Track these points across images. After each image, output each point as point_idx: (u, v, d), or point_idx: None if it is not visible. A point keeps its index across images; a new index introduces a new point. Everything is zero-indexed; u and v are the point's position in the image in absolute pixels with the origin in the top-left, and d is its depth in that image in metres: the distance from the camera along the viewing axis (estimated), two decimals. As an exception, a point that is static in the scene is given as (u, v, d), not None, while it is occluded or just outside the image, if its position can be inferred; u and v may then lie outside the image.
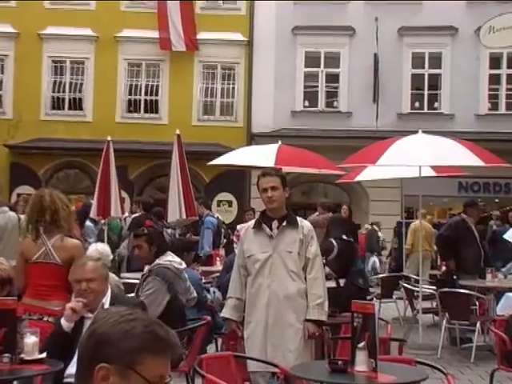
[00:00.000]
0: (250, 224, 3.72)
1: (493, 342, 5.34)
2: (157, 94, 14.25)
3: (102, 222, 7.95)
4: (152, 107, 14.26)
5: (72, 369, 2.58)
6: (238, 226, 9.65)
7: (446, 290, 6.17)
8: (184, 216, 7.12)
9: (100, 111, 13.93)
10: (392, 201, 12.59)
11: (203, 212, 8.27)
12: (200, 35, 14.11)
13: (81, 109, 14.26)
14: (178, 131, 7.41)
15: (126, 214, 9.11)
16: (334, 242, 5.40)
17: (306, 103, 14.19)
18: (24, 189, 12.57)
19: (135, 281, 4.97)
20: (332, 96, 14.32)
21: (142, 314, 1.21)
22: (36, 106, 13.98)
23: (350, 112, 14.03)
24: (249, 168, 9.21)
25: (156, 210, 8.16)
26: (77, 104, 14.23)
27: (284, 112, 13.88)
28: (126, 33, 14.15)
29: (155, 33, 13.98)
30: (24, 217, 4.66)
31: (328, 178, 11.90)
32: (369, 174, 8.08)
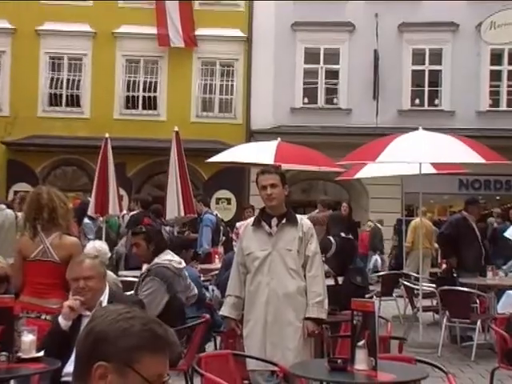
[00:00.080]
0: (249, 221, 3.70)
1: (493, 341, 5.37)
2: (155, 91, 14.21)
3: (100, 219, 7.90)
4: (150, 104, 14.22)
5: (70, 367, 2.53)
6: (237, 224, 9.61)
7: (447, 288, 6.15)
8: (182, 213, 7.11)
9: (98, 108, 13.89)
10: (392, 198, 12.55)
11: (202, 209, 8.22)
12: (199, 31, 14.06)
13: (78, 105, 14.22)
14: (176, 128, 7.39)
15: (124, 211, 9.07)
16: (332, 239, 5.39)
17: (306, 100, 14.14)
18: (21, 186, 12.55)
19: (133, 279, 4.98)
20: (332, 93, 14.28)
21: (141, 312, 1.20)
22: (33, 102, 13.93)
23: (349, 109, 13.99)
24: (248, 165, 9.16)
25: (154, 208, 8.14)
26: (74, 101, 14.20)
27: (283, 109, 13.83)
28: (124, 29, 14.09)
29: (153, 29, 13.93)
30: (21, 214, 4.69)
31: (328, 176, 11.90)
32: (369, 171, 8.07)
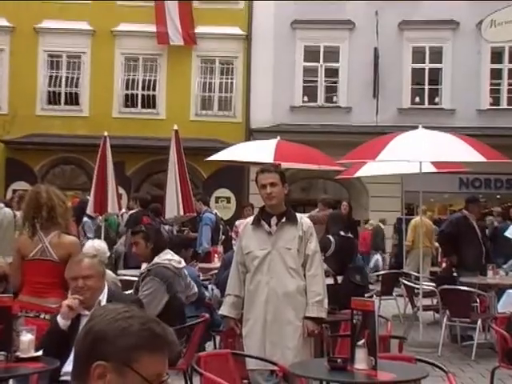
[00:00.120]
0: (249, 220, 3.68)
1: (494, 340, 5.36)
2: (154, 89, 14.18)
3: (100, 218, 7.87)
4: (149, 102, 14.20)
5: (68, 367, 2.56)
6: (237, 222, 9.66)
7: (447, 287, 6.13)
8: (182, 212, 7.10)
9: (97, 106, 13.86)
10: (392, 197, 12.54)
11: (201, 208, 8.21)
12: (198, 29, 14.02)
13: (77, 104, 14.20)
14: (175, 126, 7.37)
15: (123, 210, 9.05)
16: (331, 238, 5.38)
17: (305, 98, 14.12)
18: (20, 185, 12.55)
19: (132, 278, 5.00)
20: (331, 91, 14.25)
21: (139, 311, 1.20)
22: (32, 100, 13.92)
23: (349, 107, 13.96)
24: (247, 164, 9.14)
25: (153, 207, 8.13)
26: (73, 99, 14.17)
27: (283, 107, 13.81)
28: (122, 27, 14.06)
29: (152, 27, 13.90)
30: (20, 213, 4.71)
31: (327, 174, 11.88)
32: (369, 169, 8.06)
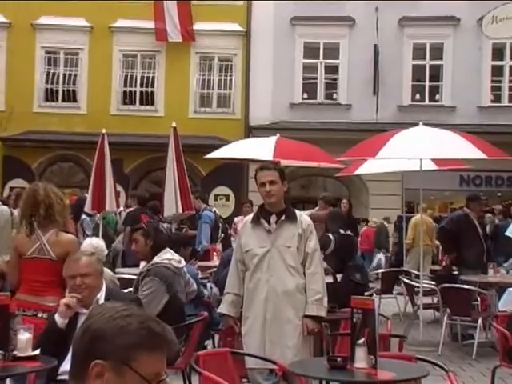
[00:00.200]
0: (248, 218, 3.66)
1: (495, 339, 5.30)
2: (152, 86, 14.16)
3: (98, 216, 7.82)
4: (148, 99, 14.19)
5: (66, 366, 2.54)
6: (236, 219, 9.67)
7: (447, 285, 6.09)
8: (180, 210, 7.07)
9: (94, 103, 13.84)
10: (392, 195, 12.52)
11: (200, 206, 8.17)
12: (197, 25, 13.99)
13: (75, 101, 14.18)
14: (174, 124, 7.35)
15: (121, 208, 9.02)
16: (331, 236, 5.37)
17: (305, 95, 14.11)
18: (17, 182, 12.56)
19: (130, 276, 5.02)
20: (331, 88, 14.24)
21: (138, 309, 1.19)
22: (29, 97, 13.89)
23: (349, 104, 13.95)
24: (246, 161, 9.10)
25: (151, 204, 8.12)
26: (71, 96, 14.16)
27: (282, 104, 13.79)
28: (121, 23, 14.04)
29: (151, 23, 13.88)
30: (17, 211, 4.71)
31: (327, 172, 11.85)
32: (369, 167, 8.03)
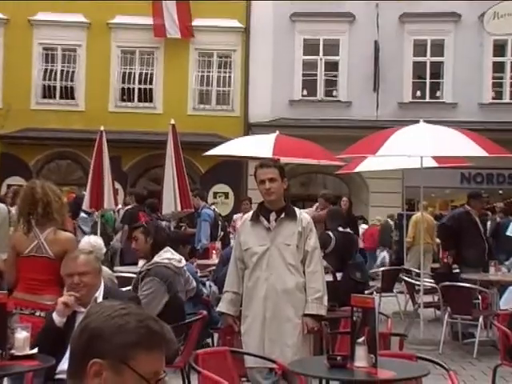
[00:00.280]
0: (247, 216, 3.63)
1: (496, 337, 5.28)
2: (151, 83, 14.11)
3: (96, 214, 7.79)
4: (146, 96, 14.15)
5: (64, 365, 2.54)
6: (235, 216, 9.65)
7: (448, 283, 6.05)
8: (179, 208, 7.04)
9: (92, 100, 13.79)
10: (393, 192, 12.48)
11: (199, 204, 8.14)
12: (195, 22, 13.94)
13: (73, 98, 14.13)
14: (172, 121, 7.33)
15: (120, 206, 8.97)
16: (331, 234, 5.37)
17: (305, 92, 14.06)
18: (14, 180, 12.55)
19: (129, 275, 5.00)
20: (331, 85, 14.21)
21: (136, 308, 1.19)
22: (26, 94, 13.84)
23: (349, 101, 13.90)
24: (246, 159, 9.03)
25: (149, 202, 8.11)
26: (68, 93, 14.11)
27: (282, 101, 13.75)
28: (119, 19, 13.98)
29: (149, 19, 13.83)
30: (15, 209, 4.72)
31: (327, 169, 11.82)
32: (369, 164, 8.00)
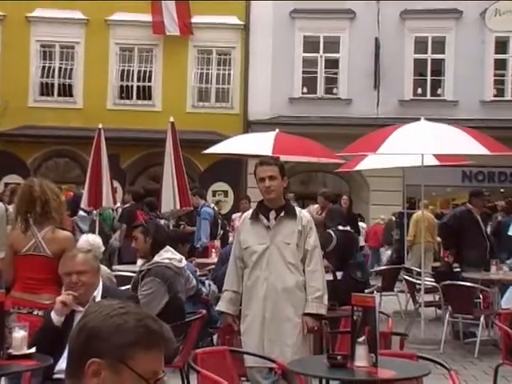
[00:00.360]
0: (247, 214, 3.60)
1: (497, 337, 5.27)
2: (150, 80, 14.08)
3: (94, 212, 7.73)
4: (145, 94, 14.12)
5: (62, 364, 2.55)
6: (233, 216, 9.62)
7: (449, 282, 6.06)
8: (178, 206, 7.00)
9: (91, 98, 13.75)
10: (393, 191, 12.45)
11: (198, 203, 8.10)
12: (195, 19, 13.90)
13: (71, 95, 14.09)
14: (171, 118, 7.33)
15: (118, 204, 8.92)
16: (332, 233, 5.34)
17: (305, 90, 14.05)
18: (12, 178, 12.53)
19: (128, 273, 5.03)
20: (331, 82, 14.19)
21: (135, 307, 1.18)
22: (24, 92, 13.80)
23: (349, 99, 13.88)
24: (245, 157, 8.99)
25: (148, 201, 8.10)
26: (66, 90, 14.08)
27: (282, 99, 13.71)
28: (117, 16, 13.94)
29: (148, 16, 13.80)
30: (12, 207, 4.73)
31: (327, 167, 11.79)
32: (369, 162, 8.01)
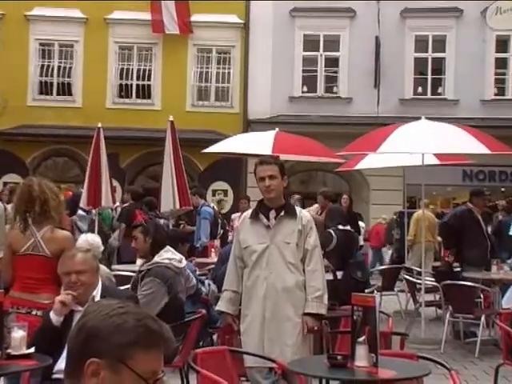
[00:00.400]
0: (247, 214, 3.60)
1: (498, 336, 5.27)
2: (149, 79, 14.05)
3: (93, 212, 7.70)
4: (144, 92, 14.08)
5: (61, 364, 2.56)
6: (233, 216, 9.60)
7: (450, 282, 6.06)
8: (178, 206, 6.99)
9: (90, 96, 13.72)
10: (394, 190, 12.43)
11: (198, 202, 8.08)
12: (194, 17, 13.87)
13: (70, 94, 14.06)
14: (171, 117, 7.29)
15: (117, 203, 8.90)
16: (332, 232, 5.33)
17: (305, 88, 14.02)
18: (11, 177, 12.51)
19: (127, 273, 5.04)
20: (331, 81, 14.17)
21: (134, 307, 1.18)
22: (23, 90, 13.76)
23: (350, 98, 13.85)
24: (245, 156, 8.96)
25: (147, 200, 8.09)
26: (65, 89, 14.04)
27: (282, 98, 13.69)
28: (116, 15, 13.90)
29: (147, 15, 13.77)
30: (11, 207, 4.71)
31: (327, 166, 11.77)
32: (369, 162, 7.99)
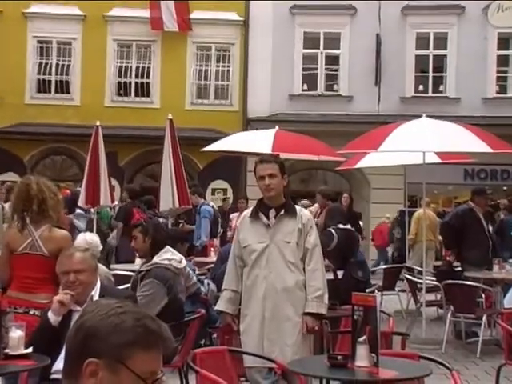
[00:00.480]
0: (246, 213, 3.60)
1: (500, 336, 5.30)
2: (148, 77, 14.01)
3: (92, 210, 7.64)
4: (143, 90, 14.05)
5: (59, 364, 2.50)
6: (231, 215, 9.58)
7: (451, 281, 6.03)
8: (177, 204, 6.94)
9: (88, 94, 13.68)
10: (394, 189, 12.39)
11: (198, 201, 8.03)
12: (193, 14, 13.83)
13: (68, 92, 14.02)
14: (170, 116, 7.27)
15: (116, 202, 8.85)
16: (333, 231, 5.31)
17: (305, 86, 13.99)
18: (8, 176, 12.46)
19: (126, 273, 5.05)
20: (332, 79, 14.14)
21: (133, 306, 1.18)
22: (20, 88, 13.70)
23: (350, 96, 13.82)
24: (245, 154, 8.90)
25: (146, 199, 8.06)
26: (64, 87, 13.99)
27: (281, 96, 13.65)
28: (115, 12, 13.85)
29: (146, 12, 13.72)
30: (8, 205, 4.66)
31: (327, 165, 11.73)
32: (370, 160, 7.98)
